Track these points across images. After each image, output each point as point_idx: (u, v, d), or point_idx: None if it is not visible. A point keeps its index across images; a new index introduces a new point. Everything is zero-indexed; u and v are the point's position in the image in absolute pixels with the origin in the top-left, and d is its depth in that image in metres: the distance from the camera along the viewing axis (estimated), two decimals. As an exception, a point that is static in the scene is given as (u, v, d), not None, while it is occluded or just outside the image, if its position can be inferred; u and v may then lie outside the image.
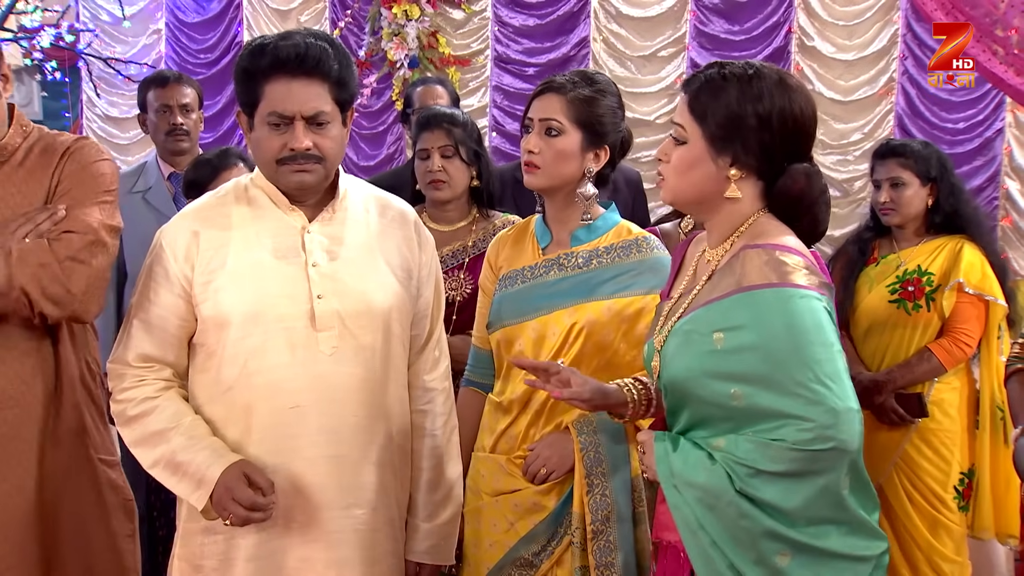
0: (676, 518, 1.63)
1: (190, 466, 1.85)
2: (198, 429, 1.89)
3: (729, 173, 1.67)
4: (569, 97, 2.18)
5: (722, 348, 1.61)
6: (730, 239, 1.72)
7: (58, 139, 2.10)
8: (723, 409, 1.62)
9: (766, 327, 1.58)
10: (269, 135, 1.90)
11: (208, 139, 6.95)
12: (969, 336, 3.12)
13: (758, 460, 1.56)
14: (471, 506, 2.28)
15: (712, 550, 1.59)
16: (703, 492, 1.60)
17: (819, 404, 1.54)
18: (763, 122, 1.64)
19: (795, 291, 1.59)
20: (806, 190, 1.68)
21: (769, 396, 1.57)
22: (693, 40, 6.70)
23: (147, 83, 3.47)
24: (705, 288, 1.71)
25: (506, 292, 2.28)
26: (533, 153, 2.18)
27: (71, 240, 1.96)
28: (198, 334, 1.94)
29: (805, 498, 1.56)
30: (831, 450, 1.54)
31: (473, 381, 2.40)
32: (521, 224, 2.40)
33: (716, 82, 1.67)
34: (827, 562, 1.58)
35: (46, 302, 1.92)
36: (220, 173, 2.70)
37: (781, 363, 1.56)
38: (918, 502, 3.13)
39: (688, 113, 1.70)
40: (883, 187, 3.24)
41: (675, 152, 1.72)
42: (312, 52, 1.88)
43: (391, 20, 6.92)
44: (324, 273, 1.95)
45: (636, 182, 3.60)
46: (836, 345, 1.59)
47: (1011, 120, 6.29)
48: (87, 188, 2.03)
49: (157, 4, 7.49)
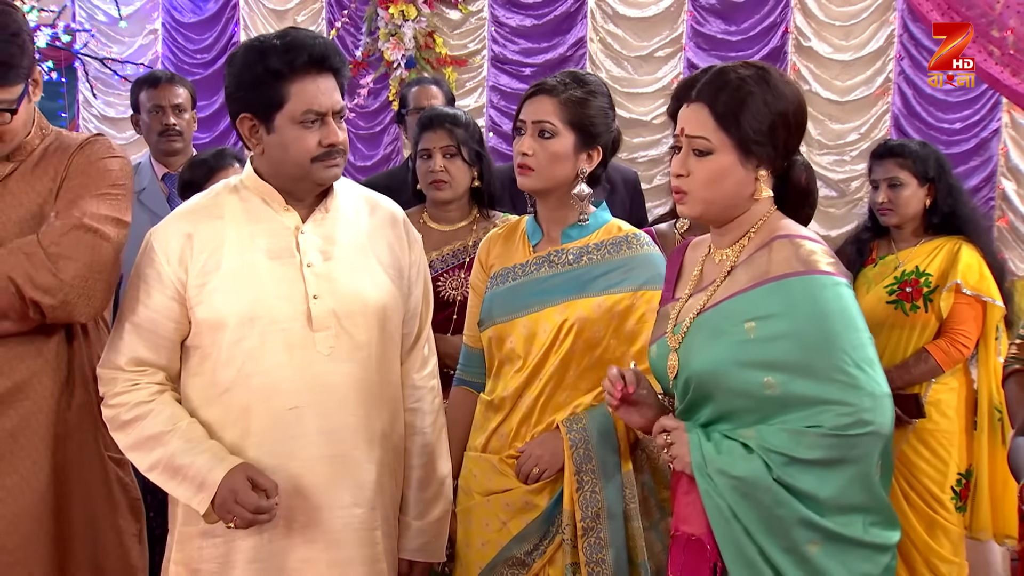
0: (708, 507, 1.64)
1: (190, 469, 1.84)
2: (195, 432, 1.89)
3: (758, 174, 1.70)
4: (561, 99, 2.19)
5: (755, 337, 1.64)
6: (745, 236, 1.74)
7: (72, 138, 2.11)
8: (753, 399, 1.64)
9: (799, 315, 1.61)
10: (304, 134, 1.89)
11: (204, 140, 6.94)
12: (966, 337, 3.13)
13: (793, 448, 1.59)
14: (462, 506, 2.28)
15: (744, 539, 1.61)
16: (739, 481, 1.61)
17: (858, 388, 1.58)
18: (784, 120, 1.69)
19: (825, 278, 1.63)
20: (808, 181, 1.75)
21: (805, 383, 1.60)
22: (690, 40, 6.69)
23: (139, 83, 3.46)
24: (726, 283, 1.73)
25: (497, 290, 2.28)
26: (527, 155, 2.19)
27: (54, 227, 1.95)
28: (192, 336, 1.93)
29: (839, 485, 1.59)
30: (869, 434, 1.57)
31: (464, 380, 2.40)
32: (512, 223, 2.41)
33: (739, 89, 1.69)
34: (853, 550, 1.61)
35: (35, 290, 1.91)
36: (216, 174, 2.68)
37: (816, 350, 1.59)
38: (915, 502, 3.14)
39: (713, 122, 1.69)
40: (881, 187, 3.24)
41: (700, 165, 1.71)
42: (330, 48, 1.92)
43: (388, 20, 6.91)
44: (319, 273, 1.94)
45: (633, 182, 3.60)
46: (866, 331, 1.62)
47: (1007, 120, 6.29)
48: (89, 181, 2.03)
49: (153, 4, 7.47)
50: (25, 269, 1.90)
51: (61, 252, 1.93)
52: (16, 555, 1.99)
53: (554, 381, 2.21)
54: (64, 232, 1.95)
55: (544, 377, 2.21)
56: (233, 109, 1.94)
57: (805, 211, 1.77)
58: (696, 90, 1.73)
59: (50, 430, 2.04)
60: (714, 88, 1.70)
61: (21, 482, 2.00)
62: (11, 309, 1.94)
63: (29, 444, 2.02)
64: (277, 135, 1.90)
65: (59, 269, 1.92)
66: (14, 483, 2.00)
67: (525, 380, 2.22)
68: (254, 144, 1.94)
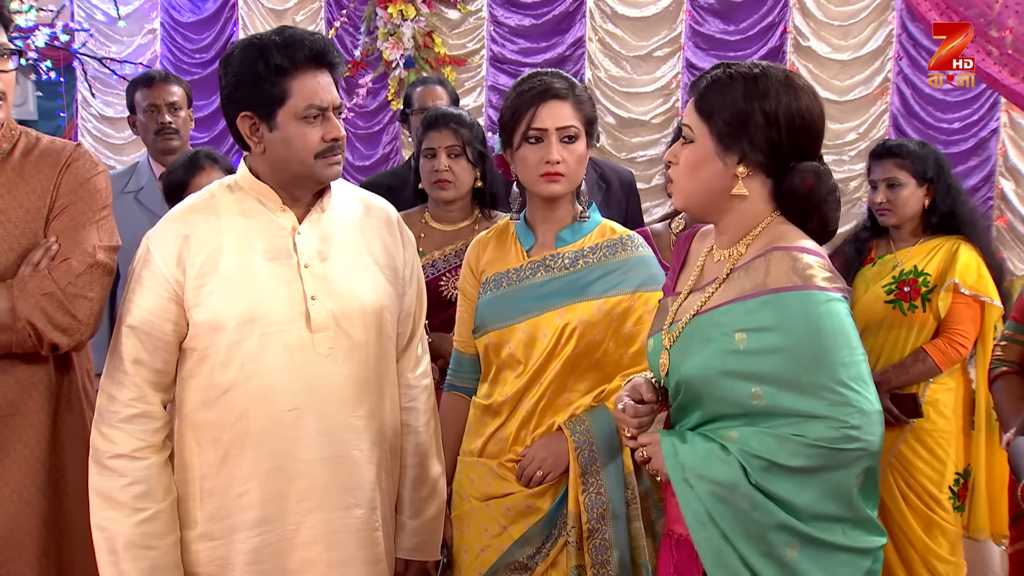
0: (686, 512, 1.63)
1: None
2: (169, 558, 1.88)
3: (736, 171, 1.68)
4: (573, 101, 2.20)
5: (744, 348, 1.62)
6: (744, 241, 1.72)
7: (54, 146, 2.07)
8: (740, 407, 1.63)
9: (792, 330, 1.59)
10: (307, 129, 1.90)
11: (203, 139, 6.93)
12: (964, 337, 3.13)
13: (775, 453, 1.58)
14: (458, 511, 2.27)
15: (722, 543, 1.60)
16: (716, 485, 1.60)
17: (846, 405, 1.56)
18: (769, 119, 1.65)
19: (820, 294, 1.60)
20: (814, 188, 1.68)
21: (792, 397, 1.58)
22: (688, 40, 6.69)
23: (135, 83, 3.46)
24: (722, 288, 1.71)
25: (492, 295, 2.27)
26: (559, 163, 2.17)
27: (70, 267, 1.94)
28: (189, 338, 1.92)
29: (815, 495, 1.58)
30: (855, 450, 1.56)
31: (455, 385, 2.39)
32: (500, 227, 2.38)
33: (722, 81, 1.69)
34: (832, 554, 1.60)
35: (54, 331, 1.92)
36: (192, 180, 2.62)
37: (807, 366, 1.58)
38: (913, 502, 3.13)
39: (695, 112, 1.71)
40: (880, 187, 3.24)
41: (683, 153, 1.73)
42: (328, 44, 1.93)
43: (387, 20, 6.91)
44: (316, 274, 1.94)
45: (629, 182, 3.60)
46: (860, 348, 1.61)
47: (1006, 120, 6.28)
48: (85, 206, 2.01)
49: (152, 4, 7.47)
50: (44, 311, 1.90)
51: (78, 292, 1.94)
52: (9, 567, 1.98)
53: (555, 385, 2.21)
54: (80, 272, 1.95)
55: (545, 381, 2.21)
56: (231, 109, 1.93)
57: (814, 221, 1.70)
58: (694, 82, 1.76)
59: (42, 444, 2.02)
60: (705, 80, 1.72)
61: (12, 496, 1.99)
62: (21, 347, 1.93)
63: (21, 458, 2.00)
64: (279, 132, 1.90)
65: (76, 308, 1.93)
66: (4, 496, 1.98)
67: (526, 384, 2.22)
68: (255, 143, 1.93)
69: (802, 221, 1.71)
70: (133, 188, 3.30)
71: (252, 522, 1.90)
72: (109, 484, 1.88)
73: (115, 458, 1.87)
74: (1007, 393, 2.24)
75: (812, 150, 1.70)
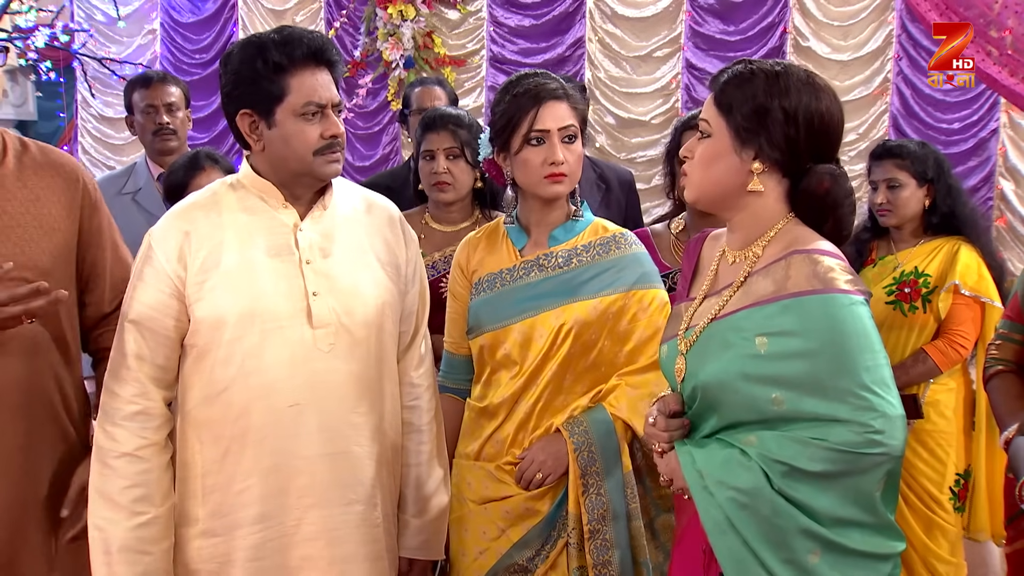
0: (705, 521, 1.60)
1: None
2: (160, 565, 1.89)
3: (752, 166, 1.66)
4: (571, 101, 2.20)
5: (765, 353, 1.60)
6: (759, 243, 1.70)
7: (53, 156, 2.07)
8: (758, 413, 1.61)
9: (815, 334, 1.58)
10: (306, 127, 1.90)
11: (203, 139, 6.94)
12: (965, 338, 3.12)
13: (796, 457, 1.56)
14: (455, 514, 2.26)
15: (744, 551, 1.58)
16: (737, 491, 1.58)
17: (870, 410, 1.55)
18: (788, 116, 1.64)
19: (843, 298, 1.59)
20: (831, 191, 1.66)
21: (814, 402, 1.57)
22: (688, 40, 6.69)
23: (132, 84, 3.45)
24: (740, 292, 1.69)
25: (486, 296, 2.26)
26: (563, 163, 2.17)
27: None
28: (190, 335, 1.92)
29: (836, 499, 1.56)
30: (878, 455, 1.55)
31: (448, 387, 2.37)
32: (490, 227, 2.37)
33: (743, 76, 1.68)
34: (853, 560, 1.58)
35: None
36: (193, 180, 2.62)
37: (830, 370, 1.56)
38: (913, 503, 3.13)
39: (713, 106, 1.70)
40: (880, 188, 3.23)
41: (700, 146, 1.72)
42: (326, 42, 1.93)
43: (386, 20, 6.91)
44: (318, 270, 1.94)
45: (629, 182, 3.60)
46: (882, 352, 1.60)
47: (1006, 120, 6.28)
48: (114, 231, 2.16)
49: (152, 4, 7.47)
50: None
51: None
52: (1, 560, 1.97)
53: (552, 385, 2.21)
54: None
55: (542, 382, 2.20)
56: (231, 107, 1.93)
57: (830, 224, 1.68)
58: (714, 77, 1.74)
59: (16, 449, 1.98)
60: (726, 75, 1.70)
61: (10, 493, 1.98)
62: None
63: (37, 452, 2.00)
64: (278, 129, 1.90)
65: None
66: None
67: (522, 385, 2.21)
68: (254, 140, 1.93)
69: (817, 224, 1.69)
70: (131, 189, 3.30)
71: (253, 518, 1.90)
72: (109, 484, 1.88)
73: (119, 458, 1.87)
74: (1003, 392, 2.24)
75: (830, 152, 1.69)
